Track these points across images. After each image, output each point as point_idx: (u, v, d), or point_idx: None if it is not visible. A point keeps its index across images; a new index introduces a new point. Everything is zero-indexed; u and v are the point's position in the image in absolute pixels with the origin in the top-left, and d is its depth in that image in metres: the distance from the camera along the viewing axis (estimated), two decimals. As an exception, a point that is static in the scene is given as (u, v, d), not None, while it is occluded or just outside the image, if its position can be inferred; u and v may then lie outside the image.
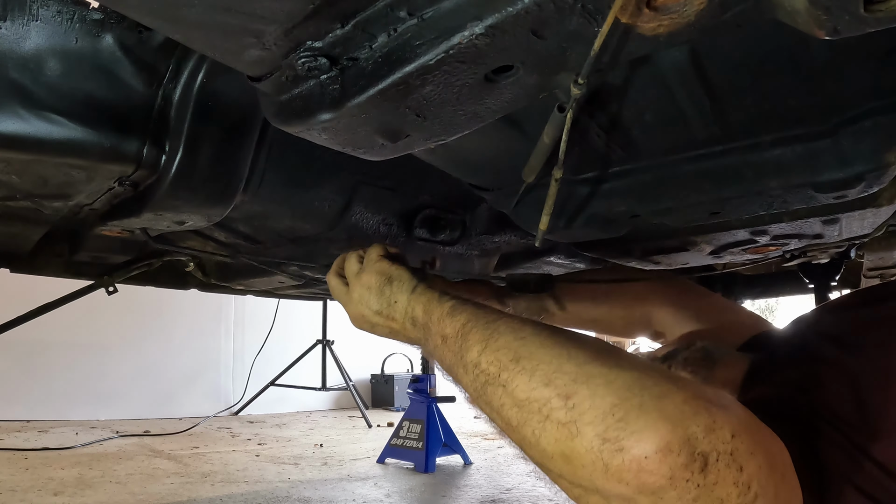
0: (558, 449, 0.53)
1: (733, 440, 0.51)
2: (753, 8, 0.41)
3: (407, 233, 1.22)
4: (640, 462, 0.48)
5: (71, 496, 2.03)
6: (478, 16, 0.44)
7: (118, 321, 3.92)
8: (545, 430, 0.54)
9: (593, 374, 0.55)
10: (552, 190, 0.67)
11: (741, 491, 0.50)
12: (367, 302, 0.84)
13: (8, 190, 0.85)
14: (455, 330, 0.69)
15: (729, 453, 0.50)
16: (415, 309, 0.77)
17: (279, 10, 0.46)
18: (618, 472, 0.49)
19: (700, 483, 0.48)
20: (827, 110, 0.65)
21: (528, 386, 0.57)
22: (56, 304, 1.39)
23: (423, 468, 2.67)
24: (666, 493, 0.48)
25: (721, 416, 0.51)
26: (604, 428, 0.51)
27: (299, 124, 0.57)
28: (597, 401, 0.52)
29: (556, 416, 0.54)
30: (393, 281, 0.82)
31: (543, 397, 0.55)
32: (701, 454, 0.49)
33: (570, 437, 0.52)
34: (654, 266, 1.26)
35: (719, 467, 0.49)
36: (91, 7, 0.66)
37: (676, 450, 0.48)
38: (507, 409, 0.59)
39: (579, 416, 0.52)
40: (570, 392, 0.54)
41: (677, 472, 0.48)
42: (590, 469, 0.51)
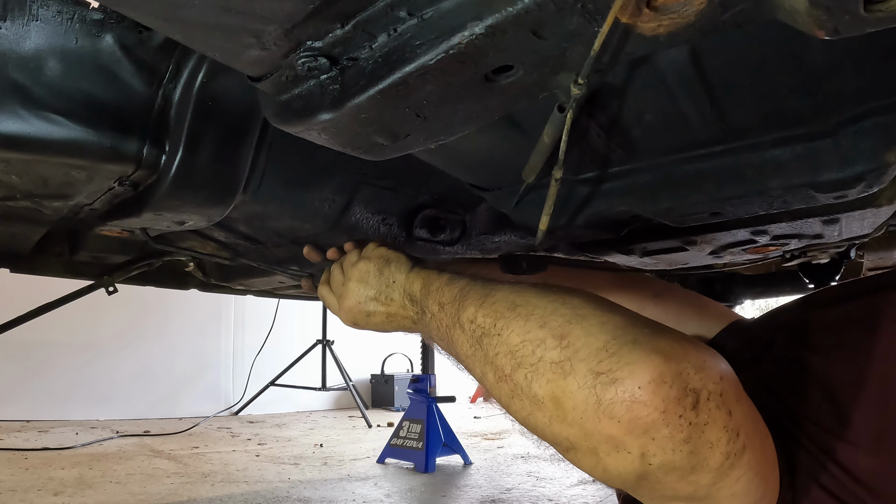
0: (549, 390, 0.53)
1: (722, 382, 0.51)
2: (753, 8, 0.41)
3: (407, 233, 1.22)
4: (633, 393, 0.48)
5: (71, 496, 2.03)
6: (478, 16, 0.44)
7: (118, 321, 3.92)
8: (538, 371, 0.54)
9: (587, 315, 0.55)
10: (552, 190, 0.67)
11: (730, 437, 0.50)
12: (365, 286, 0.85)
13: (8, 190, 0.85)
14: (452, 295, 0.70)
15: (719, 394, 0.50)
16: (413, 284, 0.79)
17: (279, 10, 0.46)
18: (610, 406, 0.49)
19: (692, 421, 0.48)
20: (827, 110, 0.65)
21: (524, 329, 0.57)
22: (56, 304, 1.39)
23: (423, 468, 2.67)
24: (658, 431, 0.48)
25: (710, 358, 0.52)
26: (597, 363, 0.51)
27: (299, 124, 0.57)
28: (591, 339, 0.53)
29: (550, 355, 0.54)
30: (391, 262, 0.84)
31: (538, 338, 0.55)
32: (693, 390, 0.49)
33: (562, 375, 0.52)
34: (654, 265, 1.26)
35: (710, 407, 0.49)
36: (91, 7, 0.66)
37: (669, 381, 0.48)
38: (501, 357, 0.58)
39: (573, 354, 0.52)
40: (564, 332, 0.54)
41: (670, 405, 0.48)
42: (581, 409, 0.50)
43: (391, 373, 5.30)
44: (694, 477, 0.50)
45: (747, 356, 0.81)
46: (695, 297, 1.14)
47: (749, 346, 0.84)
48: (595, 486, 2.28)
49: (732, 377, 0.53)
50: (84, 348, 3.87)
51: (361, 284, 0.86)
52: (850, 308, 0.74)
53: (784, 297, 2.10)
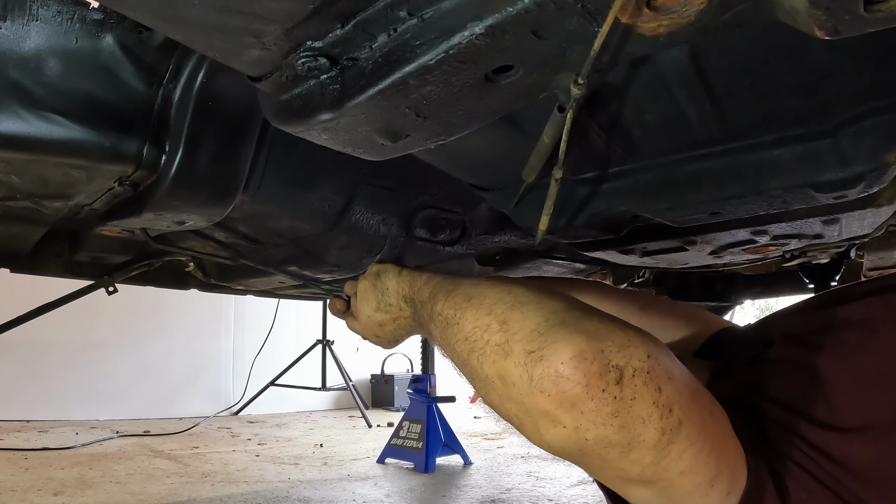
0: (495, 370, 0.58)
1: (649, 360, 0.53)
2: (753, 8, 0.41)
3: (407, 233, 1.22)
4: (556, 368, 0.52)
5: (71, 496, 2.03)
6: (478, 16, 0.44)
7: (118, 321, 3.92)
8: (485, 353, 0.59)
9: (527, 302, 0.61)
10: (552, 190, 0.68)
11: (662, 413, 0.52)
12: (367, 301, 0.94)
13: (8, 190, 0.85)
14: (428, 292, 0.78)
15: (646, 371, 0.52)
16: (403, 288, 0.87)
17: (279, 10, 0.46)
18: (539, 381, 0.53)
19: (617, 395, 0.51)
20: (827, 110, 0.65)
21: (475, 317, 0.63)
22: (56, 304, 1.39)
23: (423, 468, 2.67)
24: (584, 405, 0.51)
25: (637, 338, 0.55)
26: (529, 342, 0.55)
27: (299, 124, 0.57)
28: (526, 322, 0.57)
29: (494, 339, 0.59)
30: (381, 274, 0.93)
31: (485, 324, 0.61)
32: (615, 367, 0.52)
33: (503, 355, 0.57)
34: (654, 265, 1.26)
35: (636, 383, 0.52)
36: (91, 7, 0.66)
37: (590, 358, 0.52)
38: (459, 344, 0.64)
39: (511, 336, 0.57)
40: (506, 318, 0.60)
41: (592, 379, 0.51)
42: (519, 385, 0.54)
43: (391, 373, 5.30)
44: (634, 455, 0.52)
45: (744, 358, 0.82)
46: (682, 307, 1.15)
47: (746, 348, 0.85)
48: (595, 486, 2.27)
49: (662, 356, 0.55)
50: (84, 348, 3.87)
51: (364, 301, 0.95)
52: (849, 310, 0.74)
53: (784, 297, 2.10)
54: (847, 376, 0.64)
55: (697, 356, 0.96)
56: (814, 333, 0.73)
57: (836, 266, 1.63)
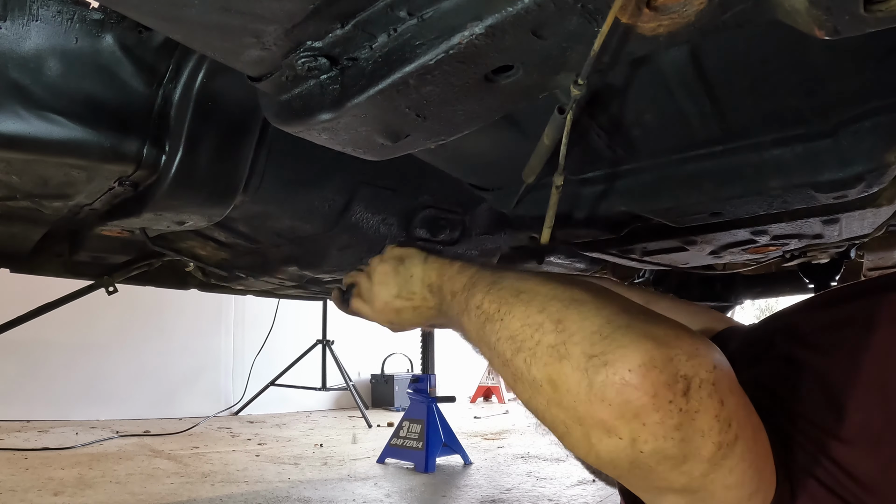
0: (546, 373, 0.54)
1: (716, 370, 0.51)
2: (753, 8, 0.41)
3: (407, 233, 1.22)
4: (623, 375, 0.48)
5: (71, 496, 2.03)
6: (478, 16, 0.44)
7: (118, 321, 3.92)
8: (535, 355, 0.55)
9: (584, 301, 0.56)
10: (553, 199, 0.67)
11: (722, 427, 0.49)
12: (387, 286, 0.89)
13: (8, 190, 0.85)
14: (462, 283, 0.72)
15: (711, 382, 0.50)
16: (430, 276, 0.82)
17: (279, 10, 0.46)
18: (601, 388, 0.49)
19: (682, 407, 0.48)
20: (827, 110, 0.65)
21: (524, 314, 0.59)
22: (56, 304, 1.39)
23: (423, 468, 2.67)
24: (649, 416, 0.48)
25: (704, 347, 0.52)
26: (590, 345, 0.51)
27: (299, 124, 0.57)
28: (586, 322, 0.53)
29: (547, 339, 0.55)
30: (405, 259, 0.87)
31: (537, 322, 0.57)
32: (684, 376, 0.49)
33: (558, 358, 0.53)
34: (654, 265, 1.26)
35: (702, 395, 0.49)
36: (91, 7, 0.66)
37: (660, 366, 0.48)
38: (502, 343, 0.60)
39: (569, 338, 0.53)
40: (562, 316, 0.55)
41: (660, 390, 0.48)
42: (574, 391, 0.51)
43: (391, 373, 5.30)
44: (686, 467, 0.50)
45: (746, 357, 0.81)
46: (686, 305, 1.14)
47: (748, 348, 0.85)
48: (595, 486, 2.28)
49: (726, 367, 0.53)
50: (84, 348, 3.87)
51: (383, 286, 0.89)
52: (849, 309, 0.74)
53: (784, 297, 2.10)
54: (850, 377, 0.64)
55: None
56: (815, 333, 0.73)
57: (836, 266, 1.63)
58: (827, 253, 1.36)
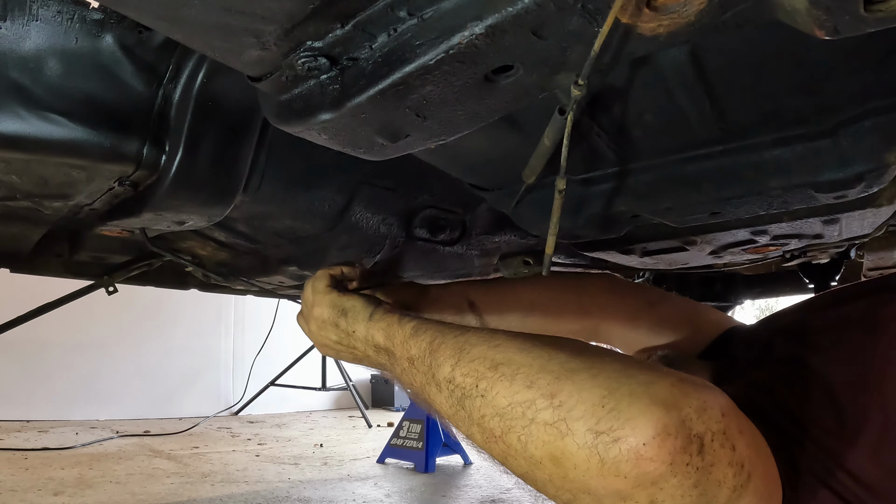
0: (547, 452, 0.51)
1: (724, 419, 0.50)
2: (753, 8, 0.41)
3: (407, 233, 1.22)
4: (638, 450, 0.47)
5: (71, 496, 2.03)
6: (478, 16, 0.44)
7: (118, 321, 3.93)
8: (531, 434, 0.52)
9: (576, 370, 0.53)
10: (556, 205, 0.65)
11: (736, 471, 0.49)
12: (326, 332, 0.83)
13: (8, 190, 0.85)
14: (421, 350, 0.66)
15: (722, 432, 0.49)
16: (374, 336, 0.75)
17: (279, 10, 0.46)
18: (615, 465, 0.47)
19: (699, 466, 0.47)
20: (827, 110, 0.65)
21: (510, 391, 0.55)
22: (56, 304, 1.39)
23: (423, 468, 2.67)
24: (667, 482, 0.47)
25: (710, 397, 0.51)
26: (595, 421, 0.49)
27: (299, 124, 0.57)
28: (584, 395, 0.51)
29: (543, 416, 0.52)
30: (347, 312, 0.80)
31: (527, 400, 0.53)
32: (697, 435, 0.48)
33: (559, 436, 0.50)
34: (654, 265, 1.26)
35: (714, 447, 0.48)
36: (91, 7, 0.66)
37: (674, 433, 0.47)
38: (488, 420, 0.56)
39: (567, 414, 0.50)
40: (554, 390, 0.52)
41: (677, 456, 0.47)
42: (583, 468, 0.49)
43: (391, 373, 5.29)
44: None
45: (747, 359, 0.82)
46: (691, 304, 1.14)
47: (748, 350, 0.84)
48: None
49: (732, 410, 0.52)
50: (84, 348, 3.87)
51: (322, 330, 0.83)
52: (849, 309, 0.74)
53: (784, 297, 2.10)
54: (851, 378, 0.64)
55: (704, 355, 0.97)
56: (817, 334, 0.73)
57: (836, 266, 1.63)
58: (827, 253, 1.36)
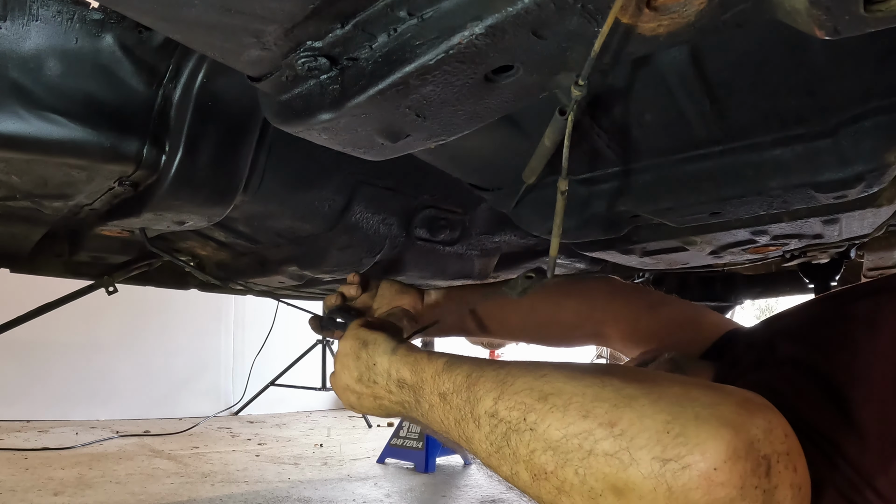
0: (608, 483, 0.49)
1: (787, 439, 0.49)
2: (753, 8, 0.41)
3: (407, 233, 1.22)
4: (709, 476, 0.45)
5: (71, 496, 2.03)
6: (478, 16, 0.44)
7: (118, 321, 3.92)
8: (590, 466, 0.50)
9: (635, 396, 0.51)
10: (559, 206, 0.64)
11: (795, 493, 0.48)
12: (349, 369, 0.80)
13: (8, 190, 0.85)
14: (456, 385, 0.64)
15: (786, 453, 0.48)
16: (400, 371, 0.73)
17: (279, 10, 0.46)
18: (684, 492, 0.46)
19: (766, 489, 0.46)
20: (827, 110, 0.65)
21: (563, 422, 0.52)
22: (56, 304, 1.39)
23: (423, 468, 2.67)
24: None
25: (774, 417, 0.50)
26: (661, 449, 0.47)
27: (299, 124, 0.57)
28: (646, 421, 0.49)
29: (602, 447, 0.50)
30: (368, 344, 0.79)
31: (584, 430, 0.51)
32: (765, 457, 0.47)
33: (622, 467, 0.48)
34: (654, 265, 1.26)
35: (779, 469, 0.47)
36: (91, 7, 0.66)
37: (744, 455, 0.46)
38: (538, 455, 0.54)
39: (630, 443, 0.48)
40: (613, 419, 0.50)
41: (747, 479, 0.46)
42: (649, 498, 0.47)
43: (391, 373, 5.29)
44: None
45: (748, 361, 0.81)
46: (691, 307, 1.14)
47: (750, 351, 0.84)
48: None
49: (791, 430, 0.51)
50: (84, 348, 3.87)
51: (345, 368, 0.81)
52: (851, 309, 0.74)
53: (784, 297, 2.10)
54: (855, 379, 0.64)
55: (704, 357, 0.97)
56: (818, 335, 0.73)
57: (836, 266, 1.63)
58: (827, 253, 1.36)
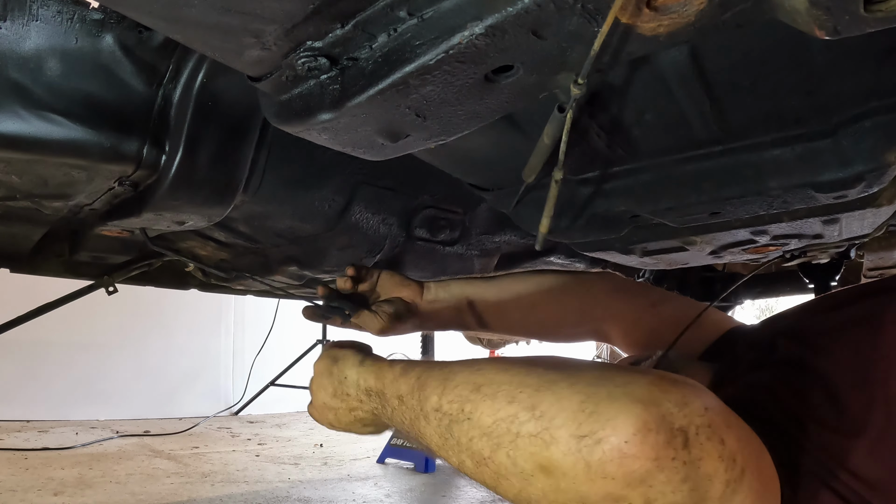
0: (536, 463, 0.52)
1: (707, 412, 0.50)
2: (753, 8, 0.41)
3: (407, 233, 1.22)
4: (621, 448, 0.47)
5: (71, 496, 2.03)
6: (478, 16, 0.44)
7: (118, 321, 3.92)
8: (518, 447, 0.53)
9: (555, 380, 0.54)
10: (552, 192, 0.67)
11: (727, 465, 0.49)
12: (324, 387, 0.85)
13: (8, 190, 0.85)
14: (409, 387, 0.68)
15: (707, 425, 0.49)
16: (367, 380, 0.78)
17: (279, 10, 0.46)
18: (600, 466, 0.48)
19: (686, 460, 0.47)
20: (827, 110, 0.65)
21: (493, 409, 0.56)
22: (56, 304, 1.39)
23: (423, 468, 2.67)
24: (655, 478, 0.47)
25: (690, 392, 0.51)
26: (576, 426, 0.50)
27: (299, 124, 0.57)
28: (564, 402, 0.52)
29: (527, 429, 0.52)
30: (338, 360, 0.84)
31: (510, 415, 0.54)
32: (680, 429, 0.48)
33: (544, 446, 0.51)
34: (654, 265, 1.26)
35: (701, 440, 0.48)
36: (91, 7, 0.66)
37: (655, 428, 0.47)
38: (476, 441, 0.57)
39: (550, 423, 0.51)
40: (535, 402, 0.53)
41: (661, 450, 0.47)
42: (571, 475, 0.49)
43: (391, 373, 5.29)
44: None
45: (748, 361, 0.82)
46: (693, 304, 1.14)
47: (750, 351, 0.84)
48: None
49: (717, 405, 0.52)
50: (84, 348, 3.87)
51: (320, 387, 0.86)
52: (851, 311, 0.74)
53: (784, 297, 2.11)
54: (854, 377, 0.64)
55: (705, 356, 0.97)
56: (818, 335, 0.73)
57: (836, 266, 1.63)
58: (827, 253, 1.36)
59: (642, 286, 1.28)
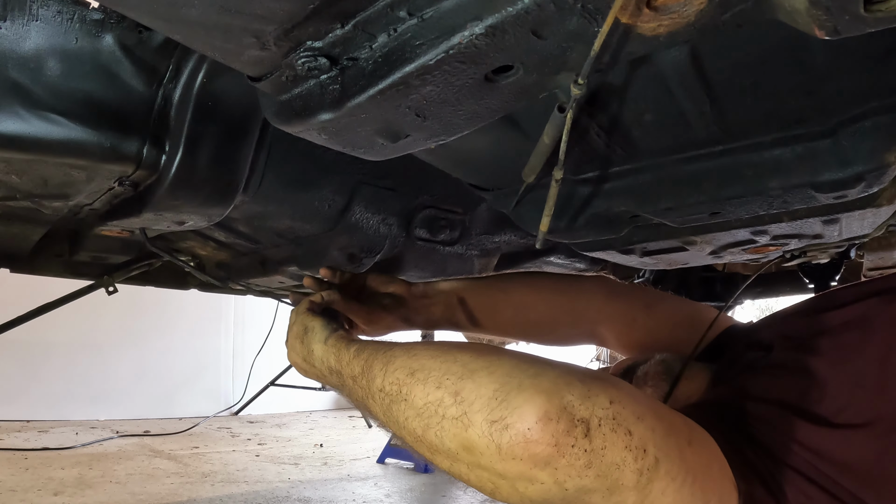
0: (459, 443, 0.57)
1: (612, 406, 0.54)
2: (753, 8, 0.41)
3: (407, 233, 1.22)
4: (524, 434, 0.52)
5: (71, 496, 2.03)
6: (478, 16, 0.44)
7: (118, 321, 3.92)
8: (444, 428, 0.58)
9: (476, 369, 0.60)
10: (552, 191, 0.67)
11: (636, 455, 0.53)
12: (296, 349, 0.90)
13: (8, 190, 0.85)
14: (360, 367, 0.74)
15: (611, 418, 0.53)
16: (328, 359, 0.82)
17: (279, 10, 0.46)
18: (509, 449, 0.53)
19: (587, 448, 0.52)
20: (827, 110, 0.65)
21: (424, 392, 0.62)
22: (56, 304, 1.39)
23: (423, 468, 2.67)
24: (557, 462, 0.52)
25: (596, 385, 0.55)
26: (489, 412, 0.55)
27: (299, 124, 0.57)
28: (481, 390, 0.57)
29: (450, 412, 0.58)
30: (308, 331, 0.88)
31: (437, 398, 0.60)
32: (581, 420, 0.52)
33: (464, 428, 0.56)
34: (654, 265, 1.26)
35: (604, 432, 0.52)
36: (91, 7, 0.66)
37: (555, 417, 0.52)
38: (411, 421, 0.62)
39: (469, 407, 0.57)
40: (458, 388, 0.59)
41: (560, 438, 0.52)
42: (487, 454, 0.54)
43: (391, 373, 5.29)
44: (617, 497, 0.53)
45: (745, 362, 0.82)
46: (689, 304, 1.14)
47: (747, 351, 0.85)
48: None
49: (625, 398, 0.56)
50: (83, 348, 3.86)
51: (293, 348, 0.91)
52: (848, 312, 0.75)
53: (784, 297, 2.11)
54: (847, 377, 0.65)
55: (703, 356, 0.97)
56: (813, 336, 0.74)
57: (836, 266, 1.63)
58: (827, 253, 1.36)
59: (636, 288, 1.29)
